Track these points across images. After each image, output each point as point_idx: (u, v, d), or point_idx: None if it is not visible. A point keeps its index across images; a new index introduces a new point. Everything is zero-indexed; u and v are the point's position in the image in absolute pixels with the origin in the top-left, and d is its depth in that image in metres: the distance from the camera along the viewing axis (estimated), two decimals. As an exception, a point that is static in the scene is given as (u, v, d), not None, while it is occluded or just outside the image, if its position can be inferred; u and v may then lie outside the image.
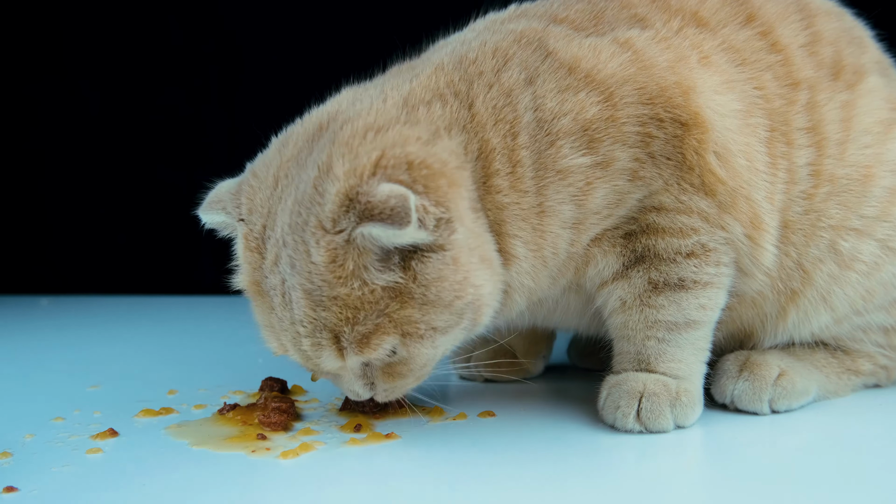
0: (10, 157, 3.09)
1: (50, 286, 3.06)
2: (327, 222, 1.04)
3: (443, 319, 1.07)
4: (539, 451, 1.13)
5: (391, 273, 1.05)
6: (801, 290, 1.29)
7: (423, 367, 1.14)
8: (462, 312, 1.08)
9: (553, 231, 1.15)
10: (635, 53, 1.19)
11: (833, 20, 1.35)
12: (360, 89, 1.22)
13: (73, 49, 3.01)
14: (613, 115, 1.15)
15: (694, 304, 1.20)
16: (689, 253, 1.19)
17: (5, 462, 1.13)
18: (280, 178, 1.13)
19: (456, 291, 1.06)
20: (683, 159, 1.17)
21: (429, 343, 1.08)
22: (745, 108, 1.22)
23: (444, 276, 1.05)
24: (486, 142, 1.13)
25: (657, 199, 1.18)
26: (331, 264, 1.04)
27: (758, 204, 1.21)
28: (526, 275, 1.16)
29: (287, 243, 1.08)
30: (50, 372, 1.76)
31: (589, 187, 1.15)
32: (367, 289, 1.04)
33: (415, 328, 1.07)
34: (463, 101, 1.15)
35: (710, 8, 1.28)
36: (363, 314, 1.05)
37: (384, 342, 1.07)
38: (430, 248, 1.05)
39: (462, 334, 1.12)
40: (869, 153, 1.28)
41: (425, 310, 1.06)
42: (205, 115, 2.97)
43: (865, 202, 1.28)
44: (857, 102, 1.30)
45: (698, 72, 1.21)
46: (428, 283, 1.05)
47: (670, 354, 1.21)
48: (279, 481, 1.04)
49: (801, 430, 1.21)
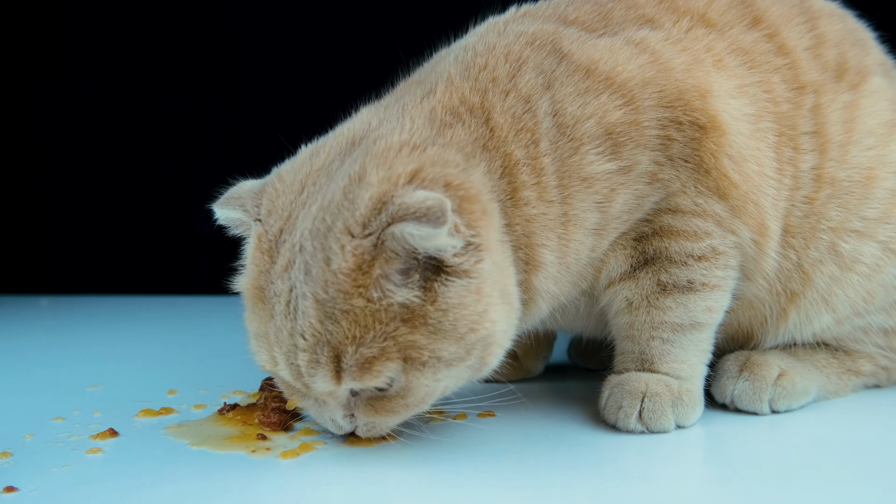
0: (10, 157, 3.09)
1: (50, 286, 3.06)
2: (356, 227, 0.99)
3: (451, 351, 1.02)
4: (539, 451, 1.13)
5: (410, 290, 1.00)
6: (801, 291, 1.29)
7: (420, 403, 1.07)
8: (472, 347, 1.03)
9: (577, 239, 1.15)
10: (653, 55, 1.18)
11: (836, 22, 1.35)
12: (379, 108, 1.18)
13: (73, 49, 3.01)
14: (637, 119, 1.15)
15: (701, 307, 1.20)
16: (700, 256, 1.19)
17: (5, 462, 1.13)
18: (307, 185, 1.09)
19: (473, 323, 1.01)
20: (701, 162, 1.17)
21: (430, 374, 1.03)
22: (757, 112, 1.22)
23: (465, 303, 1.01)
24: (508, 155, 1.11)
25: (673, 202, 1.18)
26: (354, 272, 0.99)
27: (765, 210, 1.21)
28: (552, 281, 1.15)
29: (305, 249, 1.02)
30: (50, 372, 1.76)
31: (613, 193, 1.15)
32: (384, 303, 0.99)
33: (418, 353, 1.01)
34: (478, 117, 1.12)
35: (717, 10, 1.28)
36: (371, 335, 1.00)
37: (386, 369, 1.01)
38: (455, 272, 1.01)
39: (467, 373, 1.06)
40: (872, 155, 1.28)
41: (435, 337, 1.01)
42: (205, 115, 2.97)
43: (867, 204, 1.28)
44: (860, 103, 1.30)
45: (714, 75, 1.21)
46: (447, 308, 1.00)
47: (674, 355, 1.21)
48: (279, 481, 1.04)
49: (801, 430, 1.21)
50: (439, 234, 0.97)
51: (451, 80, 1.15)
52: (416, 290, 1.00)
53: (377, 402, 1.07)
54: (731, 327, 1.33)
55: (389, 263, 0.99)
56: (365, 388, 1.05)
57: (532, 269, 1.13)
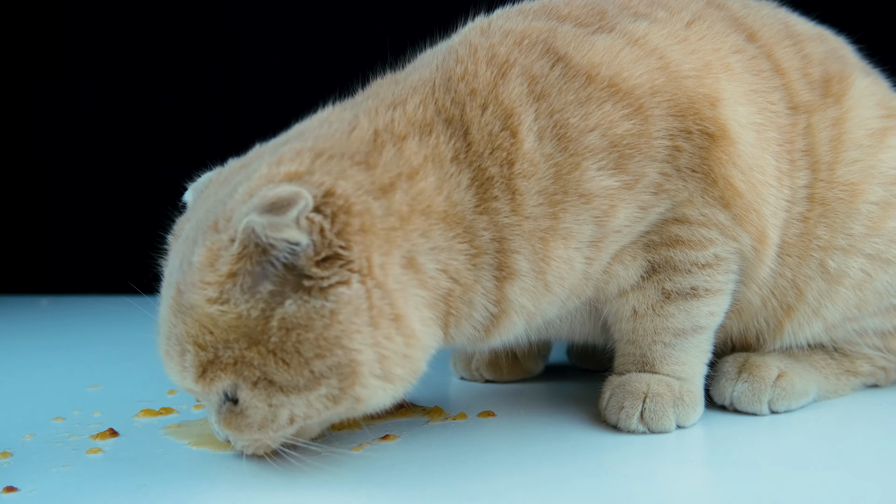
0: (10, 157, 3.09)
1: (50, 286, 3.06)
2: (222, 221, 0.97)
3: (286, 377, 0.94)
4: (539, 451, 1.13)
5: (255, 301, 0.94)
6: (795, 305, 1.29)
7: (263, 427, 0.99)
8: (321, 376, 0.95)
9: (558, 255, 1.09)
10: (661, 59, 1.14)
11: (819, 45, 1.34)
12: (338, 109, 1.14)
13: (73, 49, 3.01)
14: (646, 130, 1.10)
15: (704, 312, 1.20)
16: (704, 264, 1.18)
17: (5, 462, 1.13)
18: (228, 178, 1.08)
19: (319, 349, 0.93)
20: (709, 171, 1.14)
21: (262, 397, 0.96)
22: (764, 121, 1.20)
23: (312, 326, 0.93)
24: (483, 170, 1.06)
25: (680, 212, 1.15)
26: (205, 267, 0.96)
27: (765, 218, 1.20)
28: (528, 296, 1.10)
29: (187, 239, 1.02)
30: (50, 372, 1.76)
31: (613, 209, 1.10)
32: (224, 308, 0.95)
33: (250, 372, 0.95)
34: (456, 129, 1.07)
35: (710, 20, 1.25)
36: (210, 339, 0.96)
37: (219, 379, 0.97)
38: (312, 291, 0.94)
39: (323, 403, 0.97)
40: (857, 168, 1.26)
41: (271, 358, 0.94)
42: (205, 115, 2.97)
43: (852, 220, 1.26)
44: (846, 117, 1.28)
45: (724, 81, 1.17)
46: (290, 328, 0.93)
47: (675, 357, 1.21)
48: (279, 481, 1.04)
49: (801, 431, 1.21)
50: (281, 221, 0.91)
51: (421, 87, 1.10)
52: (261, 303, 0.95)
53: (230, 415, 1.02)
54: (729, 342, 1.33)
55: (240, 263, 0.95)
56: (207, 394, 1.01)
57: (505, 277, 1.08)
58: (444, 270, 1.04)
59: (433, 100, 1.09)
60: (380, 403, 1.01)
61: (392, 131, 1.06)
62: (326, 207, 0.96)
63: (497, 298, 1.09)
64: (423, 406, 1.31)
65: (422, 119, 1.07)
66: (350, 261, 0.96)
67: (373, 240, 0.98)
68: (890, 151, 1.28)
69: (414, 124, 1.07)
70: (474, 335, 1.12)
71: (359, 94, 1.19)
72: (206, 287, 0.96)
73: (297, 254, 0.94)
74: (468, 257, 1.06)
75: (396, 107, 1.08)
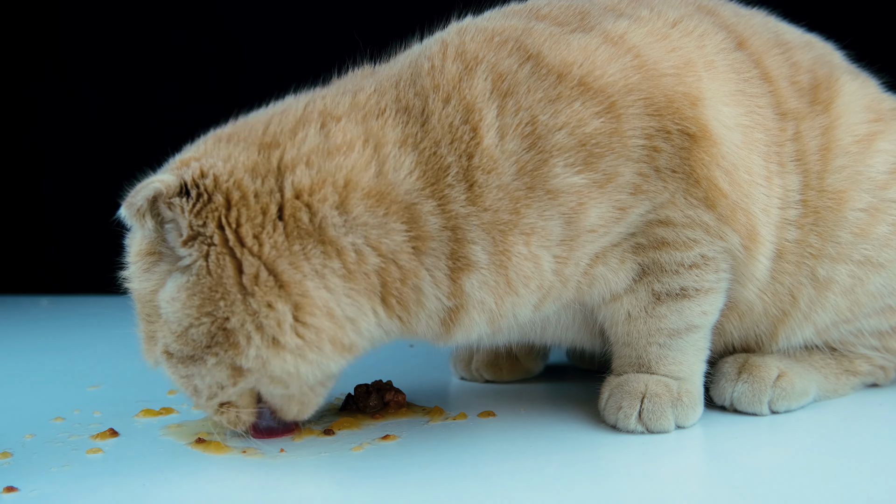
0: (10, 157, 3.09)
1: (50, 286, 3.06)
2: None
3: (175, 347, 1.07)
4: (539, 451, 1.13)
5: (148, 279, 1.10)
6: (790, 311, 1.29)
7: (196, 396, 1.11)
8: (207, 347, 1.05)
9: (520, 252, 1.08)
10: (637, 57, 1.13)
11: (807, 52, 1.34)
12: (303, 97, 1.17)
13: (73, 49, 3.01)
14: (618, 129, 1.09)
15: (696, 311, 1.20)
16: (691, 264, 1.18)
17: (5, 462, 1.13)
18: None
19: (191, 318, 1.04)
20: (691, 172, 1.13)
21: (170, 366, 1.09)
22: (750, 122, 1.20)
23: (178, 297, 1.05)
24: (438, 157, 1.06)
25: (664, 213, 1.15)
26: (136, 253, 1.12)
27: (755, 216, 1.19)
28: (486, 289, 1.09)
29: None
30: (50, 372, 1.76)
31: (582, 207, 1.09)
32: (132, 285, 1.12)
33: (162, 344, 1.09)
34: (414, 117, 1.08)
35: (697, 20, 1.24)
36: (142, 314, 1.12)
37: (150, 351, 1.12)
38: (180, 269, 1.06)
39: (234, 377, 1.06)
40: (844, 175, 1.26)
41: (165, 329, 1.07)
42: (205, 115, 2.96)
43: (839, 228, 1.26)
44: (835, 125, 1.27)
45: (706, 80, 1.16)
46: (168, 300, 1.06)
47: (672, 357, 1.21)
48: (279, 481, 1.04)
49: (801, 431, 1.21)
50: (129, 210, 1.08)
51: (389, 83, 1.12)
52: (153, 281, 1.09)
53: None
54: (730, 348, 1.34)
55: (142, 244, 1.11)
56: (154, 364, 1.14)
57: (461, 268, 1.07)
58: (372, 247, 1.05)
59: (395, 90, 1.11)
60: (294, 374, 1.06)
61: (329, 113, 1.10)
62: (195, 189, 1.05)
63: (452, 291, 1.08)
64: (423, 406, 1.31)
65: (373, 105, 1.10)
66: (208, 236, 1.04)
67: (243, 213, 1.04)
68: (878, 156, 1.28)
69: (359, 109, 1.10)
70: (433, 328, 1.11)
71: (334, 82, 1.22)
72: (133, 266, 1.13)
73: (171, 235, 1.07)
74: (407, 238, 1.06)
75: (348, 94, 1.13)
